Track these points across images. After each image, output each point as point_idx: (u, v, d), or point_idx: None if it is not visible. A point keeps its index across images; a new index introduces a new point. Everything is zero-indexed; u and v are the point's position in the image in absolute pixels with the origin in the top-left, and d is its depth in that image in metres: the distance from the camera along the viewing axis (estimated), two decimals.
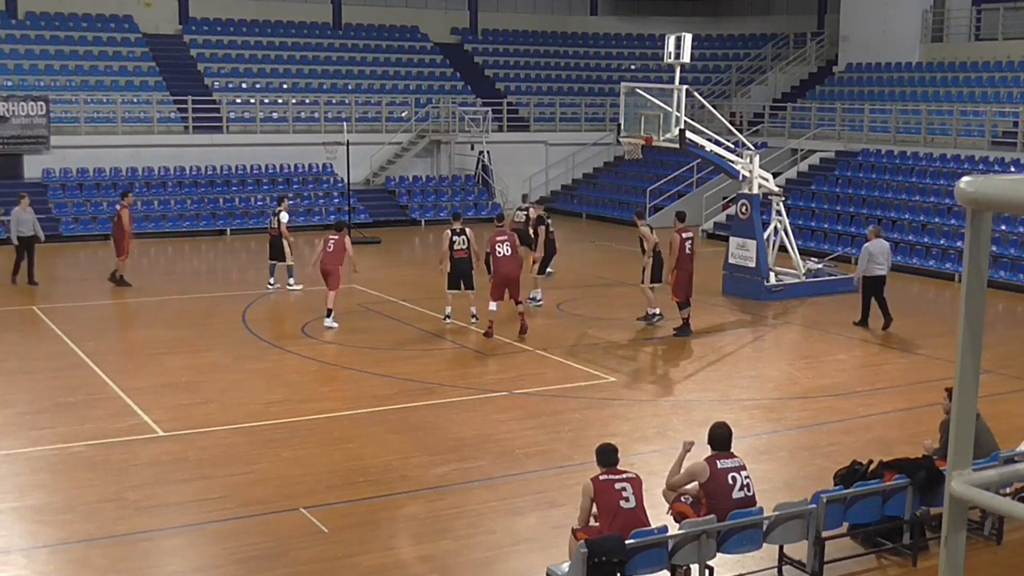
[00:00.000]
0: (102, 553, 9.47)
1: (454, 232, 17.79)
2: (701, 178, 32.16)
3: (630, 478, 8.49)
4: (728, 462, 8.84)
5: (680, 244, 17.79)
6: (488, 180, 34.34)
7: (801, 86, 37.73)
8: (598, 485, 8.38)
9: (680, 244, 17.79)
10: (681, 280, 17.86)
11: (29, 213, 21.98)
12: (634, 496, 8.35)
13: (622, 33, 42.32)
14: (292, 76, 35.40)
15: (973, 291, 3.95)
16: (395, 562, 9.41)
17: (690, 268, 18.00)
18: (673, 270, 17.87)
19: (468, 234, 17.87)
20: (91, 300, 20.55)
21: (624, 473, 8.53)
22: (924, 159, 28.56)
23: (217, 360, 16.15)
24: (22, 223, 21.74)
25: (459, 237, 17.76)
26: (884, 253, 18.54)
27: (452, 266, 17.80)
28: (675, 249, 17.76)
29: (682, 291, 17.94)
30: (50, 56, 32.68)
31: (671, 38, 21.07)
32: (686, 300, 18.03)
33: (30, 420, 13.14)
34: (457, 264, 17.78)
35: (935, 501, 9.39)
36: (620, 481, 8.41)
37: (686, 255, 17.87)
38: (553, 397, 14.36)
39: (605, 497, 8.32)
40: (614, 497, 8.30)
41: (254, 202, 31.00)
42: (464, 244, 17.80)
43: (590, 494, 8.40)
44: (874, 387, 15.17)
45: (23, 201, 22.10)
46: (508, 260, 17.36)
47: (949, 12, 34.36)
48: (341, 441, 12.51)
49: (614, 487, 8.35)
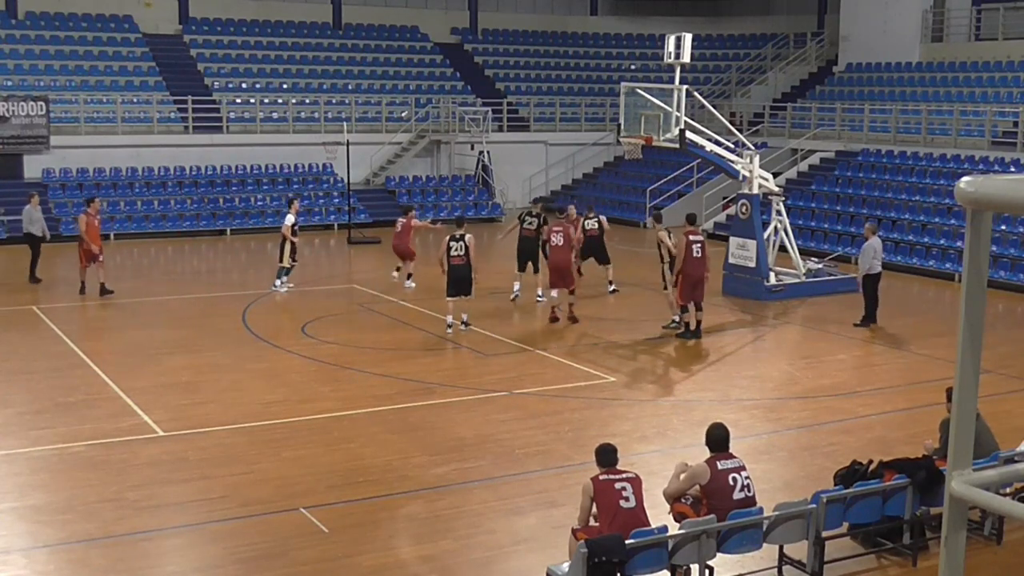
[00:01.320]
0: (102, 553, 9.47)
1: (452, 238, 17.61)
2: (701, 178, 32.16)
3: (630, 478, 8.49)
4: (728, 463, 8.85)
5: (686, 247, 17.42)
6: (488, 180, 34.33)
7: (801, 86, 37.73)
8: (598, 485, 8.39)
9: (686, 247, 17.42)
10: (685, 284, 17.52)
11: (38, 212, 22.33)
12: (634, 496, 8.36)
13: (622, 33, 42.32)
14: (292, 76, 35.40)
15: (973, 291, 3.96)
16: (395, 562, 9.41)
17: (698, 272, 17.52)
18: (678, 273, 17.62)
19: (468, 240, 17.55)
20: (91, 300, 20.55)
21: (624, 473, 8.53)
22: (924, 159, 28.55)
23: (217, 360, 16.15)
24: (33, 221, 22.06)
25: (457, 243, 17.51)
26: (880, 250, 18.79)
27: (448, 273, 17.64)
28: (681, 251, 17.50)
29: (685, 295, 17.62)
30: (50, 56, 32.68)
31: (671, 38, 21.07)
32: (696, 304, 17.64)
33: (30, 420, 13.14)
34: (452, 271, 17.55)
35: (935, 501, 9.39)
36: (620, 481, 8.41)
37: (693, 258, 17.40)
38: (553, 397, 14.36)
39: (605, 497, 8.32)
40: (614, 497, 8.30)
41: (254, 202, 31.00)
42: (461, 251, 17.51)
43: (590, 493, 8.41)
44: (874, 387, 15.17)
45: (33, 200, 22.35)
46: (558, 250, 18.48)
47: (949, 12, 34.36)
48: (341, 441, 12.51)
49: (614, 487, 8.36)
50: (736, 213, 22.56)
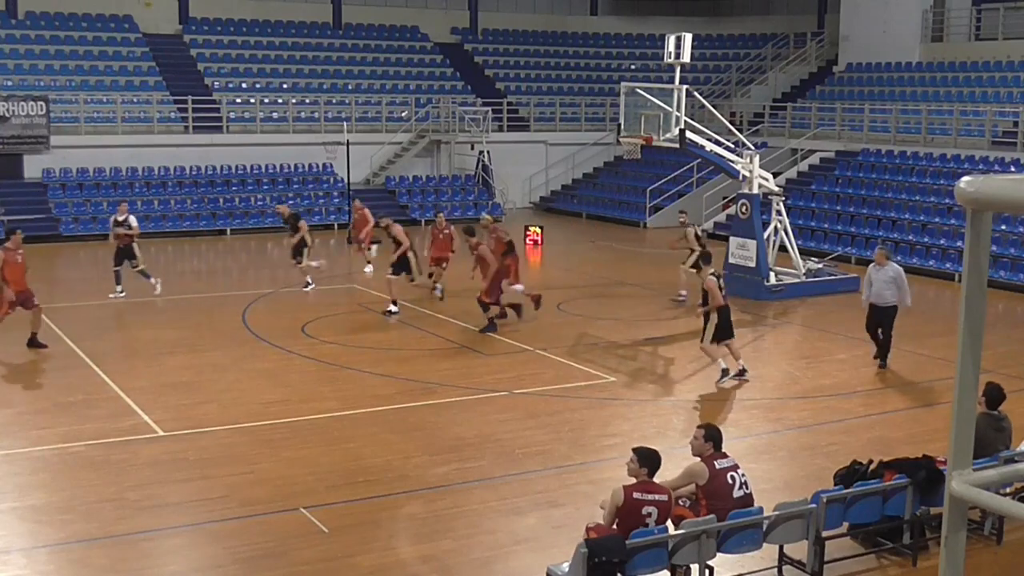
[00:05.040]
0: (102, 553, 9.47)
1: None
2: (701, 178, 32.17)
3: (658, 502, 8.31)
4: (724, 462, 8.85)
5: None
6: (488, 180, 34.34)
7: (801, 86, 37.74)
8: (629, 501, 8.24)
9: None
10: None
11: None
12: (655, 523, 8.27)
13: (622, 33, 42.32)
14: (292, 76, 35.40)
15: (973, 291, 3.96)
16: (395, 562, 9.41)
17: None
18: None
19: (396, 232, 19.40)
20: (91, 300, 20.54)
21: (655, 494, 8.34)
22: (924, 159, 28.55)
23: (217, 360, 16.15)
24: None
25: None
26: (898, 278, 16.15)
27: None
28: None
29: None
30: (50, 56, 32.69)
31: (671, 38, 21.08)
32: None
33: (30, 420, 13.14)
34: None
35: (935, 501, 9.39)
36: (649, 505, 8.26)
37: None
38: (553, 397, 14.36)
39: (631, 518, 8.23)
40: (637, 519, 8.21)
41: (254, 202, 31.01)
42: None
43: (618, 502, 8.26)
44: (874, 387, 15.17)
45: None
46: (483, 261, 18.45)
47: (949, 12, 34.36)
48: (341, 441, 12.51)
49: (641, 511, 8.23)
50: (736, 213, 22.57)
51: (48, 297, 20.71)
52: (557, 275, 24.16)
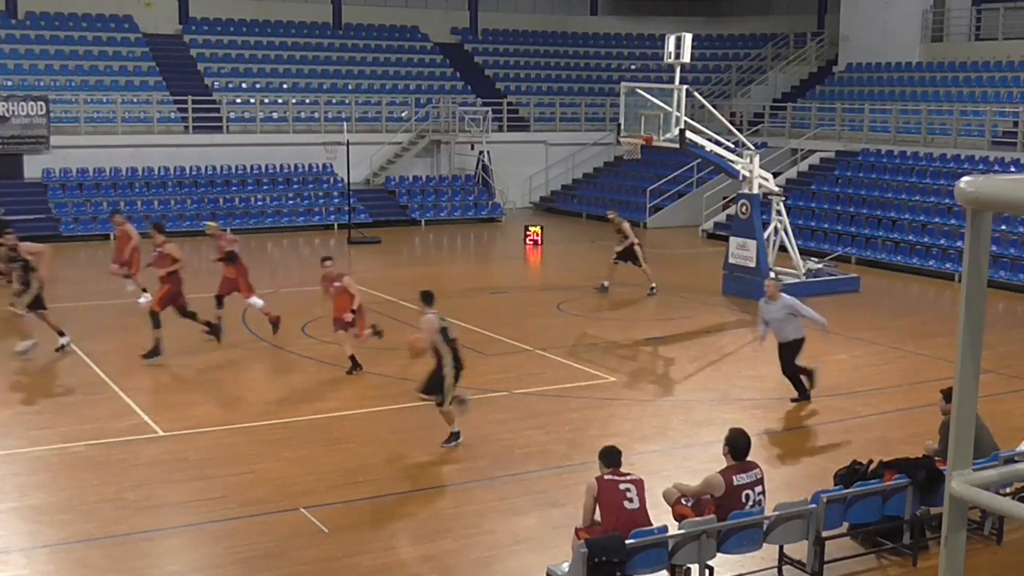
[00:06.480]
0: (102, 553, 9.47)
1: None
2: (701, 178, 32.17)
3: (634, 479, 8.49)
4: (744, 477, 8.76)
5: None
6: (488, 180, 34.33)
7: (801, 86, 37.73)
8: (602, 484, 8.39)
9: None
10: None
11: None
12: (638, 498, 8.35)
13: (622, 33, 42.31)
14: (292, 76, 35.39)
15: (973, 291, 3.96)
16: (395, 562, 9.41)
17: None
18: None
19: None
20: (91, 300, 20.53)
21: (628, 475, 8.53)
22: (924, 159, 28.55)
23: (217, 360, 16.15)
24: None
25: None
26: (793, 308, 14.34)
27: None
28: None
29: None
30: (50, 56, 32.68)
31: (671, 38, 21.07)
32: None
33: (30, 420, 13.14)
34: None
35: (935, 501, 9.39)
36: (624, 482, 8.42)
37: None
38: (553, 397, 14.35)
39: (609, 497, 8.32)
40: (617, 497, 8.30)
41: (254, 202, 31.00)
42: None
43: (593, 493, 8.41)
44: (874, 387, 15.16)
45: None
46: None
47: (949, 12, 34.36)
48: (341, 441, 12.51)
49: (618, 487, 8.36)
50: (736, 213, 22.56)
51: (48, 297, 20.70)
52: (557, 275, 24.16)
